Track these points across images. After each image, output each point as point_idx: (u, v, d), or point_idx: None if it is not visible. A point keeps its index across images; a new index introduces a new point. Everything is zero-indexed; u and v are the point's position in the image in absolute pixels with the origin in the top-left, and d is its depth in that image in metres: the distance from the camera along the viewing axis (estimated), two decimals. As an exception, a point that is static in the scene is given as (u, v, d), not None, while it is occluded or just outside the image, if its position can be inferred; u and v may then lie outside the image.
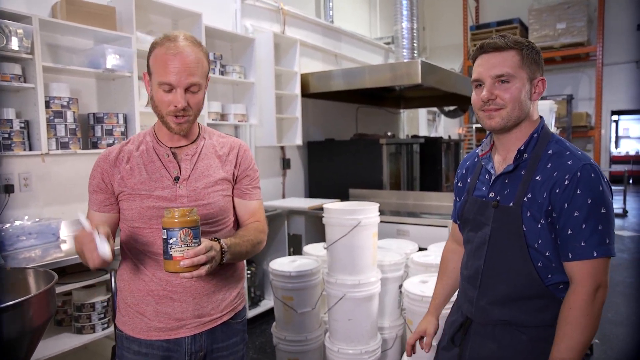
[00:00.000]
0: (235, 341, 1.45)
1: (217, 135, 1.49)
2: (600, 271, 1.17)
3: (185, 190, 1.34)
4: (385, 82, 4.15)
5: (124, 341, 1.37)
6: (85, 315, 2.47)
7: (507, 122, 1.26)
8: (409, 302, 2.42)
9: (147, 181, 1.33)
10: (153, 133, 1.41)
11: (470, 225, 1.40)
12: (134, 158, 1.36)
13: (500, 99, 1.25)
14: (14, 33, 2.32)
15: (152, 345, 1.33)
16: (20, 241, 2.43)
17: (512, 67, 1.24)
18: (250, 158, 1.49)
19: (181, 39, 1.29)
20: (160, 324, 1.33)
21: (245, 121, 3.90)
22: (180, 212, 1.14)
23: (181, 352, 1.34)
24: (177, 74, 1.25)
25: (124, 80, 2.91)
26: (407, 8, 4.94)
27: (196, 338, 1.35)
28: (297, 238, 4.08)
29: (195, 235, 1.15)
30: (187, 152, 1.38)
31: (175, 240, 1.12)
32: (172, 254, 1.13)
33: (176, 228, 1.12)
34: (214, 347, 1.39)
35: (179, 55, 1.26)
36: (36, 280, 1.38)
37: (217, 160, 1.41)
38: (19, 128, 2.44)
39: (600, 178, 1.19)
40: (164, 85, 1.27)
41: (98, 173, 1.37)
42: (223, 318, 1.40)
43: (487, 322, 1.33)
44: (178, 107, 1.27)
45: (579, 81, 8.46)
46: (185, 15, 3.38)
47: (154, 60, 1.30)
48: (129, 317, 1.36)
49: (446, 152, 5.92)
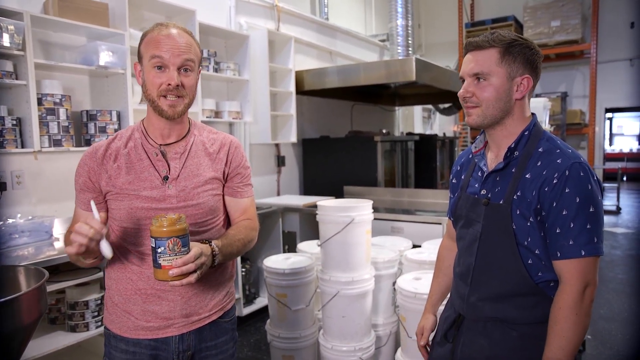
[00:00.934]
0: (224, 340, 1.43)
1: (208, 131, 1.45)
2: (588, 270, 1.17)
3: (175, 190, 1.31)
4: (380, 79, 4.15)
5: (112, 340, 1.36)
6: (78, 313, 2.46)
7: (482, 120, 1.28)
8: (402, 299, 2.42)
9: (135, 181, 1.30)
10: (142, 129, 1.37)
11: (463, 222, 1.41)
12: (122, 156, 1.33)
13: (476, 97, 1.27)
14: (5, 29, 2.30)
15: (140, 344, 1.32)
16: (13, 239, 2.42)
17: (488, 66, 1.24)
18: (241, 155, 1.46)
19: (172, 26, 1.30)
20: (148, 323, 1.32)
21: (240, 118, 3.89)
22: (168, 222, 1.12)
23: (169, 351, 1.33)
24: (169, 50, 1.25)
25: (117, 77, 2.90)
26: (402, 5, 4.95)
27: (184, 337, 1.34)
28: (292, 235, 4.08)
29: (184, 243, 1.14)
30: (177, 150, 1.35)
31: (163, 249, 1.11)
32: (160, 263, 1.13)
33: (164, 237, 1.11)
34: (202, 346, 1.38)
35: (171, 36, 1.27)
36: (27, 278, 1.37)
37: (207, 159, 1.38)
38: (11, 125, 2.42)
39: (590, 177, 1.19)
40: (155, 60, 1.25)
41: (85, 171, 1.33)
42: (212, 317, 1.39)
43: (478, 319, 1.34)
44: (172, 85, 1.25)
45: (573, 79, 8.49)
46: (179, 12, 3.37)
47: (145, 44, 1.28)
48: (116, 315, 1.35)
49: (441, 149, 5.93)
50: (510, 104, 1.27)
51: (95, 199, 1.29)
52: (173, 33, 1.27)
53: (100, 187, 1.32)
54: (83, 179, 1.33)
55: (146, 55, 1.27)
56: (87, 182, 1.33)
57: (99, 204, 1.32)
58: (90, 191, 1.33)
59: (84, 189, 1.33)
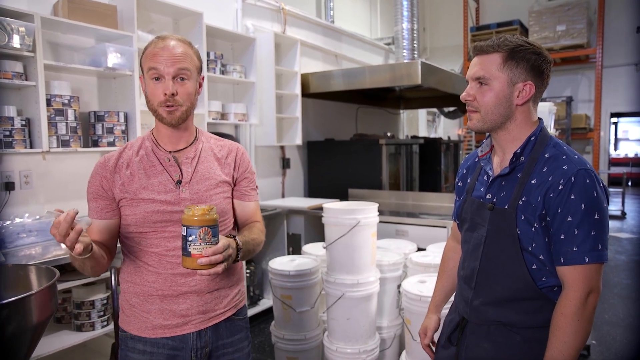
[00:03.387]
0: (240, 338, 1.47)
1: (215, 138, 1.52)
2: (592, 276, 1.17)
3: (188, 194, 1.36)
4: (385, 82, 4.16)
5: (129, 341, 1.37)
6: (84, 312, 2.48)
7: (482, 124, 1.29)
8: (407, 301, 2.43)
9: (149, 186, 1.34)
10: (152, 137, 1.42)
11: (468, 225, 1.41)
12: (134, 163, 1.37)
13: (477, 102, 1.28)
14: (16, 31, 2.33)
15: (158, 343, 1.35)
16: (20, 238, 2.44)
17: (489, 71, 1.25)
18: (247, 160, 1.52)
19: (170, 38, 1.35)
20: (166, 321, 1.34)
21: (246, 120, 3.91)
22: (200, 211, 1.16)
23: (187, 349, 1.36)
24: (164, 62, 1.30)
25: (125, 78, 2.92)
26: (408, 9, 4.95)
27: (201, 334, 1.37)
28: (297, 237, 4.09)
29: (214, 233, 1.18)
30: (187, 155, 1.40)
31: (194, 238, 1.15)
32: (190, 251, 1.16)
33: (196, 226, 1.15)
34: (219, 344, 1.41)
35: (166, 47, 1.32)
36: (38, 277, 1.39)
37: (216, 163, 1.44)
38: (20, 126, 2.44)
39: (596, 183, 1.19)
40: (152, 71, 1.30)
41: (97, 180, 1.36)
42: (226, 314, 1.43)
43: (482, 322, 1.34)
44: (167, 94, 1.30)
45: (579, 83, 8.47)
46: (186, 14, 3.39)
47: (144, 58, 1.35)
48: (134, 317, 1.37)
49: (445, 153, 5.93)
50: (511, 110, 1.27)
51: (108, 207, 1.35)
52: (169, 44, 1.32)
53: (113, 194, 1.35)
54: (95, 187, 1.36)
55: (145, 68, 1.34)
56: (100, 190, 1.35)
57: (112, 212, 1.36)
58: (104, 199, 1.36)
59: (97, 197, 1.36)
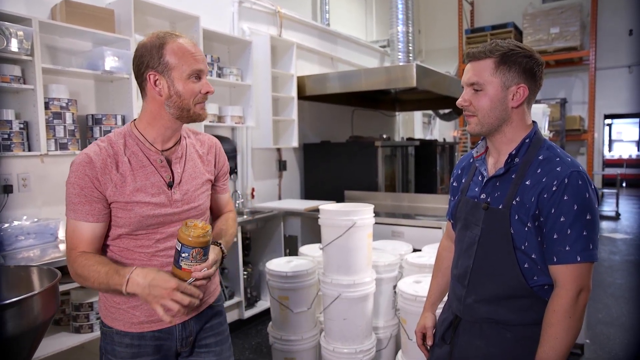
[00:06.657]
0: (220, 322, 1.53)
1: (193, 132, 1.52)
2: (583, 275, 1.21)
3: (179, 195, 1.37)
4: (381, 85, 4.20)
5: (115, 336, 1.37)
6: (83, 314, 2.49)
7: (481, 128, 1.33)
8: (403, 302, 2.45)
9: (142, 188, 1.32)
10: (136, 134, 1.35)
11: (462, 225, 1.44)
12: (123, 164, 1.31)
13: (473, 107, 1.33)
14: (14, 35, 2.35)
15: (145, 337, 1.37)
16: (18, 241, 2.45)
17: (482, 76, 1.29)
18: (224, 156, 1.56)
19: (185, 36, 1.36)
20: (152, 317, 1.36)
21: (242, 123, 3.93)
22: (196, 232, 1.21)
23: (172, 339, 1.40)
24: (204, 62, 1.34)
25: (122, 82, 2.94)
26: (403, 12, 4.98)
27: (185, 325, 1.41)
28: (293, 239, 4.11)
29: (205, 253, 1.25)
30: (176, 154, 1.39)
31: (187, 255, 1.22)
32: (181, 265, 1.23)
33: (190, 246, 1.21)
34: (201, 329, 1.46)
35: (196, 46, 1.35)
36: (40, 278, 1.41)
37: (199, 161, 1.46)
38: (18, 129, 2.46)
39: (588, 185, 1.23)
40: (195, 74, 1.31)
41: (87, 182, 1.26)
42: (207, 302, 1.49)
43: (474, 320, 1.37)
44: (210, 92, 1.34)
45: (573, 85, 8.56)
46: (183, 18, 3.42)
47: (173, 55, 1.28)
48: (119, 314, 1.37)
49: (441, 154, 5.97)
50: (507, 112, 1.31)
51: (104, 209, 1.29)
52: (193, 43, 1.34)
53: (105, 196, 1.29)
54: (88, 190, 1.27)
55: (181, 67, 1.28)
56: (94, 192, 1.27)
57: (107, 214, 1.31)
58: (98, 201, 1.28)
59: (92, 200, 1.27)
